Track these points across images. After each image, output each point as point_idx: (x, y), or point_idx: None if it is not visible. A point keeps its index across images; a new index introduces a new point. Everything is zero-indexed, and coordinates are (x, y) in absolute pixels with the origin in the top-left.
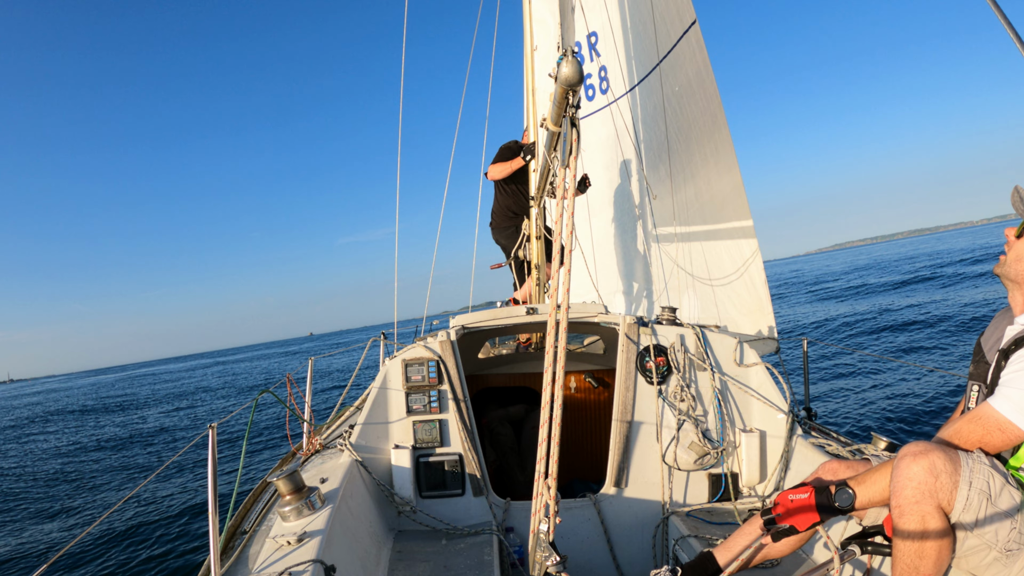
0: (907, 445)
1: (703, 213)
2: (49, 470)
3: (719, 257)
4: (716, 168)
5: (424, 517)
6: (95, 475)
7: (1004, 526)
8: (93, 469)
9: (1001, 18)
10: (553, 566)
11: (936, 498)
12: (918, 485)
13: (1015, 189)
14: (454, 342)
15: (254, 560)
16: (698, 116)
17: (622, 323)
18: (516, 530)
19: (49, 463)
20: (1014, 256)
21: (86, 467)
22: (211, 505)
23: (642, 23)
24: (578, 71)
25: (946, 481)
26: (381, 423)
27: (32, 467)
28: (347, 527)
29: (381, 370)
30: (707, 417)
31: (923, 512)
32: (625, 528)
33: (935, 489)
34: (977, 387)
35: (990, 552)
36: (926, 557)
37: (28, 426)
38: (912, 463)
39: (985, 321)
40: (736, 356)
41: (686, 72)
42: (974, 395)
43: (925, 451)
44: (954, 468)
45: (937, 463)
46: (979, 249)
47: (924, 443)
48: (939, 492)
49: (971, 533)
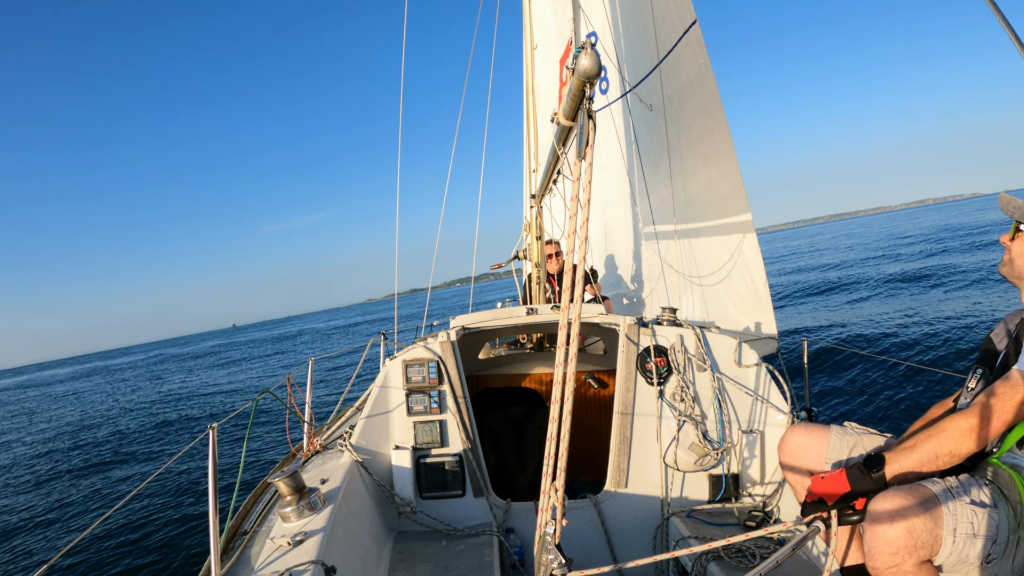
0: (880, 498)
1: (703, 213)
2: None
3: (719, 257)
4: (717, 169)
5: (424, 518)
6: (94, 479)
7: (986, 546)
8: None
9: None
10: (559, 568)
11: (916, 555)
12: (895, 551)
13: (1001, 196)
14: (454, 342)
15: (254, 561)
16: (698, 116)
17: (622, 324)
18: (516, 531)
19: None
20: (1017, 253)
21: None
22: (211, 505)
23: (642, 23)
24: (597, 63)
25: (926, 538)
26: (381, 424)
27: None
28: (347, 528)
29: (381, 371)
30: (707, 418)
31: (903, 572)
32: (625, 528)
33: (914, 548)
34: (980, 373)
35: (972, 569)
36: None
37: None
38: (888, 527)
39: (986, 321)
40: (736, 356)
41: (687, 72)
42: (975, 380)
43: (900, 508)
44: (935, 523)
45: (915, 522)
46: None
47: (899, 495)
48: (919, 550)
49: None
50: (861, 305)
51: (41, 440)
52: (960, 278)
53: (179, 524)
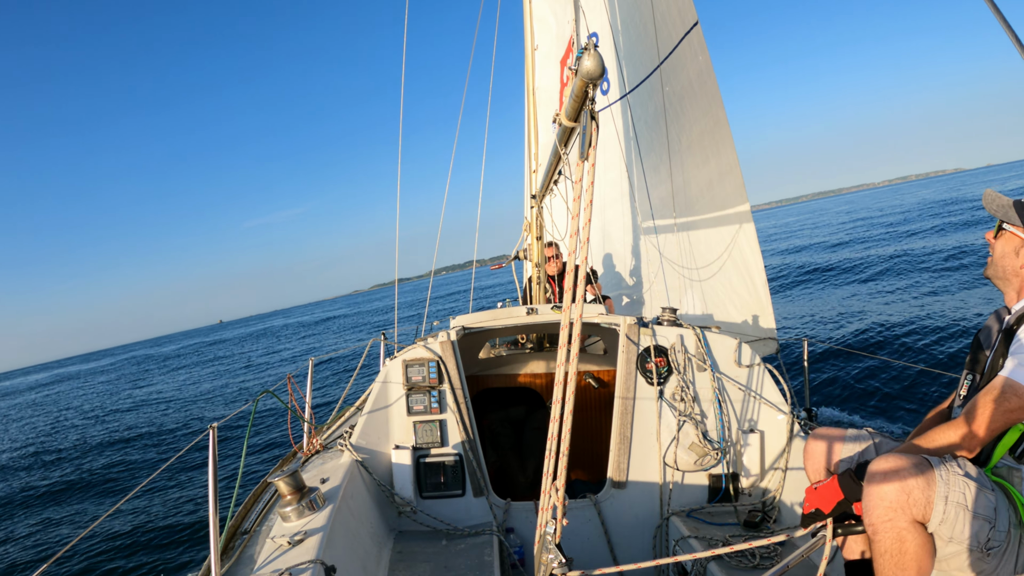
0: (877, 460)
1: (704, 214)
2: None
3: (719, 258)
4: (718, 170)
5: (424, 517)
6: (95, 475)
7: (983, 530)
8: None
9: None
10: (559, 567)
11: (910, 513)
12: (890, 504)
13: (986, 193)
14: (454, 342)
15: (255, 560)
16: (699, 118)
17: (622, 324)
18: (516, 530)
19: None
20: (998, 254)
21: (87, 466)
22: (211, 505)
23: (643, 24)
24: (600, 64)
25: (919, 497)
26: (381, 423)
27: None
28: (347, 527)
29: (382, 370)
30: (707, 417)
31: (898, 528)
32: (625, 528)
33: (907, 505)
34: (970, 378)
35: (972, 553)
36: (907, 569)
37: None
38: (883, 483)
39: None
40: (736, 356)
41: (687, 74)
42: (966, 385)
43: (896, 468)
44: (927, 483)
45: (909, 481)
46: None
47: (895, 457)
48: (912, 508)
49: (951, 541)
50: (861, 305)
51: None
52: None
53: (179, 523)
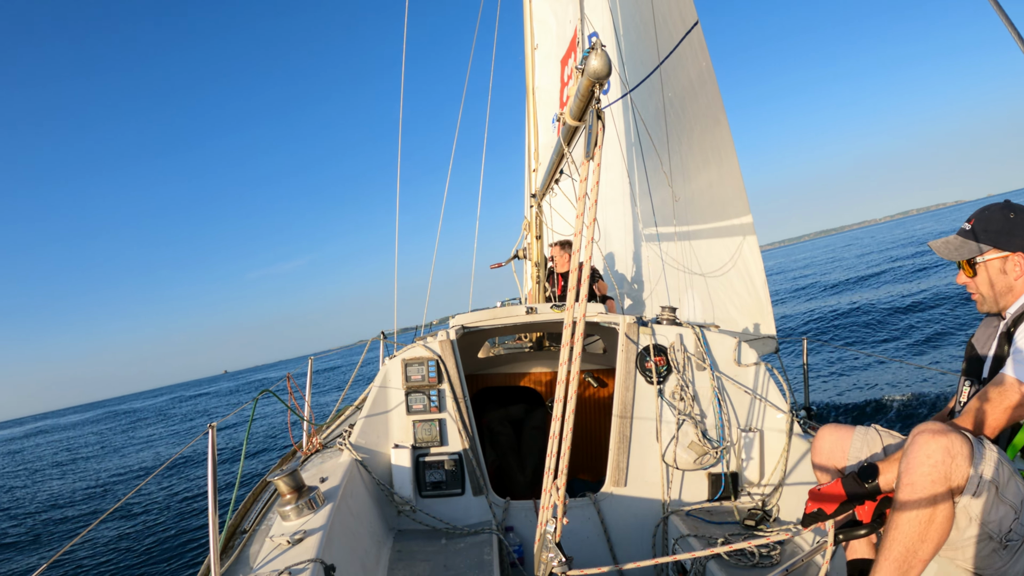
0: (922, 424)
1: (703, 214)
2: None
3: (719, 257)
4: (718, 170)
5: (424, 516)
6: (94, 478)
7: (1007, 518)
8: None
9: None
10: (559, 566)
11: (949, 481)
12: (935, 464)
13: (933, 246)
14: (454, 342)
15: (254, 559)
16: (700, 118)
17: (622, 323)
18: (516, 530)
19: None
20: (986, 285)
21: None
22: (211, 504)
23: (643, 24)
24: (607, 63)
25: (961, 464)
26: (381, 423)
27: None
28: (347, 526)
29: (381, 370)
30: (707, 417)
31: (936, 492)
32: (625, 527)
33: (950, 470)
34: (969, 383)
35: (990, 543)
36: (928, 540)
37: None
38: (930, 439)
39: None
40: (735, 356)
41: (688, 74)
42: (966, 391)
43: (943, 430)
44: (968, 452)
45: (955, 444)
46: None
47: (939, 423)
48: (953, 474)
49: (974, 522)
50: (861, 305)
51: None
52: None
53: (178, 523)
